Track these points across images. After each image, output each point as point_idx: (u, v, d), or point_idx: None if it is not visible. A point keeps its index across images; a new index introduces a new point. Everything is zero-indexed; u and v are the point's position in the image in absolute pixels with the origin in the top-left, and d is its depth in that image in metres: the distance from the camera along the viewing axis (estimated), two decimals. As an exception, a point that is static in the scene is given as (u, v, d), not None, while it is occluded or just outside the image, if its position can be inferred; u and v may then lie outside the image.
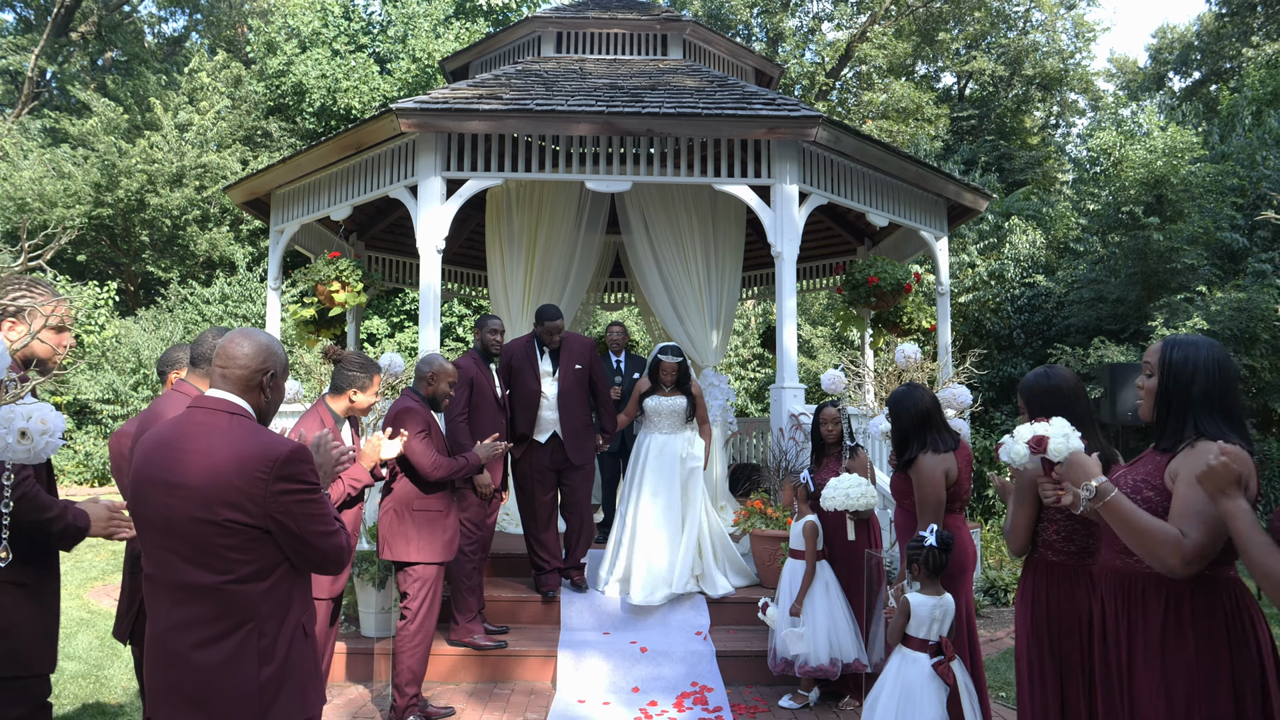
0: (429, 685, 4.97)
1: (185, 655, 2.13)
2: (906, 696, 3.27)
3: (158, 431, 2.27)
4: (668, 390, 5.78)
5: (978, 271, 13.62)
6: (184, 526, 2.14)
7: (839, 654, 4.56)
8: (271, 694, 2.15)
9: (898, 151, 7.62)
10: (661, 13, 8.95)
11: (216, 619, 2.14)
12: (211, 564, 2.13)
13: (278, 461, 2.15)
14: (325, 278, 7.41)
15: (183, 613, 2.15)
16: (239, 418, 2.25)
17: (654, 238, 8.02)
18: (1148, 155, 11.12)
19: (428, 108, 6.43)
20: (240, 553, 2.14)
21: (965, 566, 3.82)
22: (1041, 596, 2.87)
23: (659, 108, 6.54)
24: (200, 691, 2.12)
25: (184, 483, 2.14)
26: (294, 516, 2.16)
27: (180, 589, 2.16)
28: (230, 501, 2.12)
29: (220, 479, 2.13)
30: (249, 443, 2.18)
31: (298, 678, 2.22)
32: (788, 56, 22.19)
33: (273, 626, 2.18)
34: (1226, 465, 1.93)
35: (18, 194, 17.94)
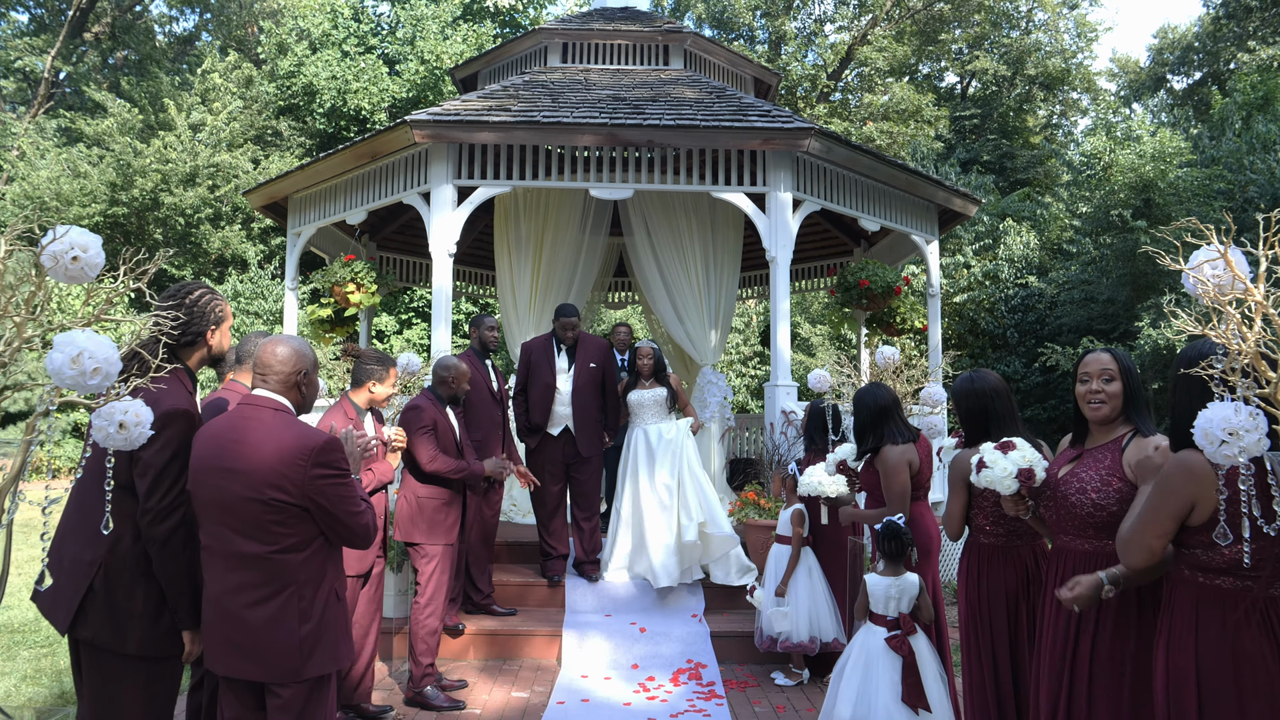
0: (443, 661, 5.34)
1: (238, 614, 2.51)
2: (867, 665, 3.64)
3: (214, 426, 2.64)
4: (647, 383, 6.16)
5: (973, 272, 13.94)
6: (237, 505, 2.51)
7: (818, 632, 4.92)
8: (310, 647, 2.53)
9: (888, 160, 7.96)
10: (663, 24, 9.29)
11: (264, 583, 2.52)
12: (259, 536, 2.51)
13: (314, 450, 2.53)
14: (341, 279, 7.79)
15: (236, 578, 2.53)
16: (280, 413, 2.63)
17: (655, 241, 8.38)
18: (1137, 160, 11.43)
19: (440, 120, 6.79)
20: (283, 527, 2.51)
21: (930, 549, 4.18)
22: (974, 572, 3.24)
23: (659, 120, 6.89)
24: (251, 644, 2.51)
25: (236, 468, 2.52)
26: (327, 497, 2.54)
27: (234, 558, 2.53)
28: (274, 484, 2.49)
29: (266, 465, 2.50)
30: (289, 434, 2.55)
31: (331, 634, 2.60)
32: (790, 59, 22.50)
33: (310, 590, 2.56)
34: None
35: (36, 193, 18.34)
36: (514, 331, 8.56)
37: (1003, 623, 3.14)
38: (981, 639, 3.18)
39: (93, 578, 2.55)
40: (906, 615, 3.68)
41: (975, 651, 3.31)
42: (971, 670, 3.23)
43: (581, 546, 6.19)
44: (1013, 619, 3.14)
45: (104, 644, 2.54)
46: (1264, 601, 2.05)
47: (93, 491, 2.55)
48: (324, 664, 2.57)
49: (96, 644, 2.54)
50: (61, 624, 2.58)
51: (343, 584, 2.72)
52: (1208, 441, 1.90)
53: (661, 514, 5.90)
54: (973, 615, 3.22)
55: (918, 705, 3.59)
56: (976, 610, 3.30)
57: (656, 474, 6.02)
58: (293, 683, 2.53)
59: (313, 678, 2.56)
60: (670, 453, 6.01)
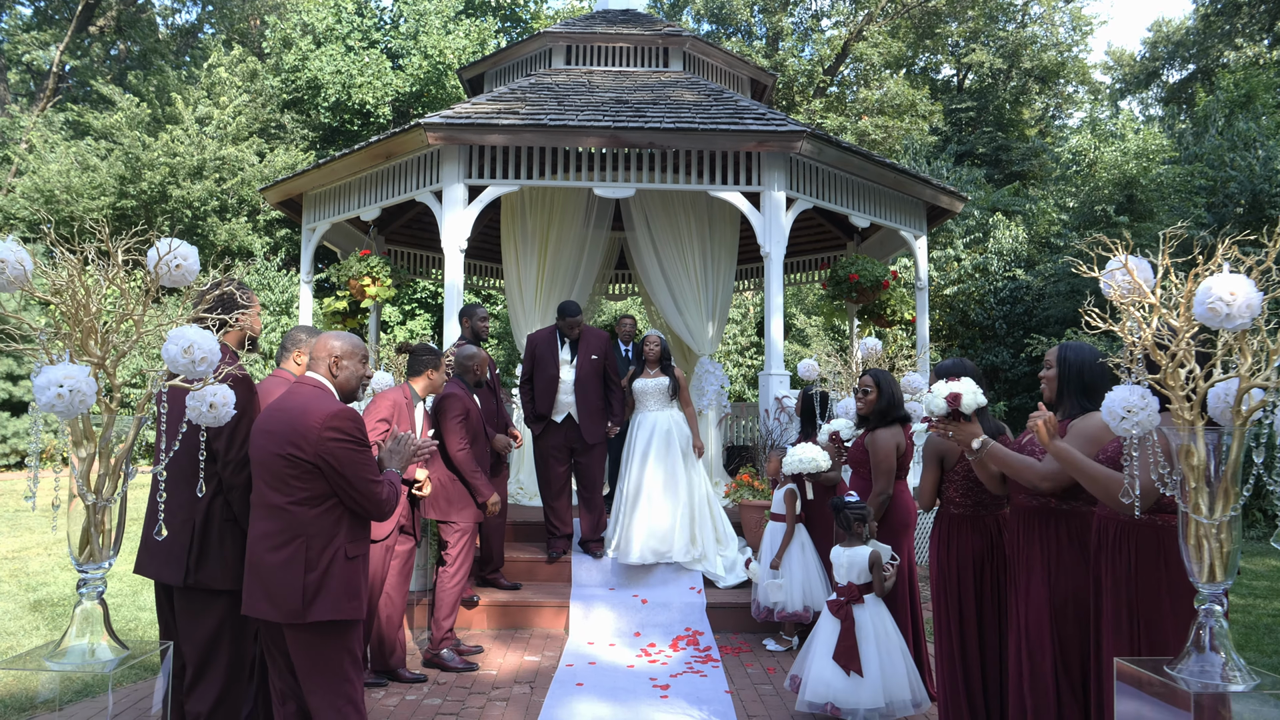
0: (459, 630, 5.76)
1: (261, 556, 2.92)
2: (820, 624, 4.15)
3: (276, 399, 3.06)
4: (653, 372, 6.56)
5: (963, 265, 14.34)
6: (269, 461, 2.93)
7: (810, 602, 5.35)
8: (312, 593, 2.88)
9: (877, 160, 8.35)
10: (663, 27, 9.66)
11: (281, 532, 2.91)
12: (280, 488, 2.92)
13: (328, 415, 2.93)
14: (357, 273, 8.19)
15: (263, 526, 2.94)
16: (315, 389, 3.05)
17: (655, 237, 8.78)
18: (1120, 157, 11.82)
19: (452, 123, 7.17)
20: (299, 481, 2.90)
21: (907, 524, 4.60)
22: (945, 538, 3.65)
23: (660, 122, 7.28)
24: (267, 583, 2.89)
25: (272, 430, 2.95)
26: (338, 459, 2.91)
27: (263, 508, 2.95)
28: (294, 441, 2.90)
29: (290, 426, 2.92)
30: (315, 404, 2.97)
31: (333, 587, 2.91)
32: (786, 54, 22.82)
33: (319, 544, 2.92)
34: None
35: (46, 186, 18.68)
36: (520, 323, 8.97)
37: (970, 584, 3.55)
38: (950, 601, 3.59)
39: (193, 531, 2.98)
40: (853, 584, 4.11)
41: (945, 614, 3.71)
42: (941, 639, 3.63)
43: (587, 525, 6.59)
44: (978, 580, 3.54)
45: (203, 584, 2.99)
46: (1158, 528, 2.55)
47: (186, 461, 2.97)
48: (324, 611, 2.88)
49: (197, 586, 2.99)
50: (177, 576, 3.03)
51: (355, 547, 3.03)
52: (1111, 418, 2.31)
53: (664, 494, 6.31)
54: (942, 577, 3.63)
55: (848, 666, 4.02)
56: (946, 573, 3.71)
57: (658, 462, 6.42)
58: (300, 624, 2.87)
59: (318, 621, 2.88)
60: (671, 438, 6.42)
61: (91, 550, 2.38)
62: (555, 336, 6.66)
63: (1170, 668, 2.30)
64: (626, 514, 6.47)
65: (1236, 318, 2.05)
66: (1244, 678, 2.21)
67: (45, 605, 6.52)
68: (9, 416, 15.58)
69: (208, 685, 2.99)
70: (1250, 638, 6.19)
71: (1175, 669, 2.28)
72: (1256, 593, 7.73)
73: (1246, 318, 2.06)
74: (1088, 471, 2.69)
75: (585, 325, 6.72)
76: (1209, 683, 2.21)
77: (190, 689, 3.01)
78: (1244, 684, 2.20)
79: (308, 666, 2.90)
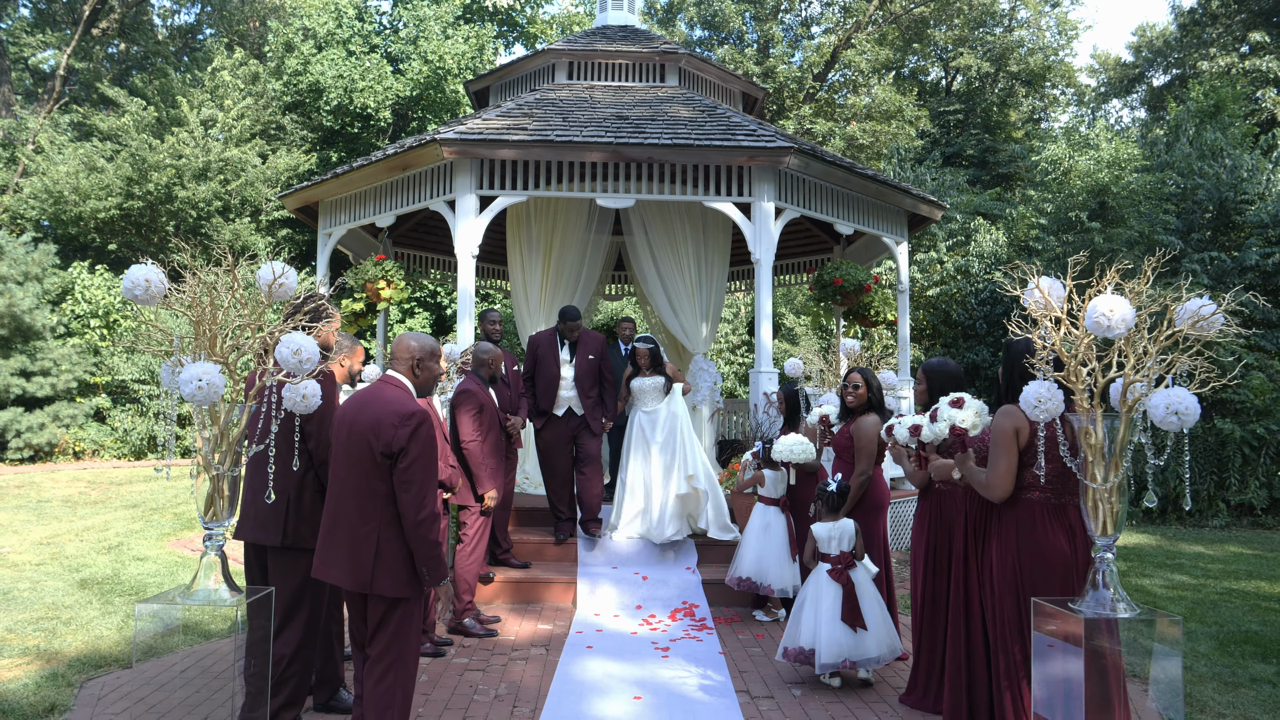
0: (478, 604, 6.34)
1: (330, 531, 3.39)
2: (818, 596, 4.69)
3: (356, 395, 3.59)
4: (647, 372, 7.14)
5: (946, 267, 14.97)
6: (351, 449, 3.40)
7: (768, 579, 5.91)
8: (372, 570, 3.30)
9: (860, 171, 8.94)
10: (660, 44, 10.23)
11: (355, 512, 3.36)
12: (359, 474, 3.35)
13: (403, 414, 3.40)
14: (373, 277, 8.74)
15: (349, 503, 3.42)
16: (397, 388, 3.55)
17: (652, 243, 9.37)
18: (1093, 166, 12.46)
19: (466, 138, 7.73)
20: (376, 470, 3.39)
21: (882, 504, 5.21)
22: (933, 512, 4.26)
23: (658, 139, 7.86)
24: (349, 547, 3.34)
25: (355, 421, 3.43)
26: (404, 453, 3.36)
27: (342, 489, 3.42)
28: (374, 433, 3.36)
29: (373, 420, 3.38)
30: (394, 403, 3.45)
31: (388, 559, 3.34)
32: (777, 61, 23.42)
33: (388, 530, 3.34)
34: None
35: (56, 188, 19.12)
36: (525, 323, 9.55)
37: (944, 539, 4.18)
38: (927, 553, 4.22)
39: (288, 500, 3.56)
40: (846, 552, 4.71)
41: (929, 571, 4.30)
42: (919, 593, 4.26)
43: (585, 506, 7.13)
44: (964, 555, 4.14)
45: (297, 544, 3.58)
46: (1058, 507, 3.14)
47: (283, 442, 3.54)
48: (390, 587, 3.31)
49: (292, 545, 3.57)
50: (275, 538, 3.61)
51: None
52: (1026, 407, 2.91)
53: (661, 480, 6.90)
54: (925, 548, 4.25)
55: (855, 624, 4.62)
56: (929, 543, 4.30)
57: (656, 448, 7.01)
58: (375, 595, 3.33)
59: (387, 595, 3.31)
60: (667, 428, 7.01)
61: (214, 511, 2.94)
62: (555, 338, 7.25)
63: (1073, 604, 2.90)
64: (629, 499, 7.02)
65: (1115, 329, 2.65)
66: (1128, 608, 2.81)
67: (91, 584, 7.07)
68: (23, 411, 16.03)
69: (291, 632, 3.57)
70: (1196, 610, 6.83)
71: (1077, 604, 2.89)
72: (1209, 574, 8.38)
73: (1123, 329, 2.66)
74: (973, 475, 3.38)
75: (584, 328, 7.30)
76: (1101, 613, 2.81)
77: (277, 634, 3.58)
78: (1128, 613, 2.80)
79: (375, 625, 3.42)
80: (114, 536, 9.28)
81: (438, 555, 3.33)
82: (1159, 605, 6.91)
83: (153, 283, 2.79)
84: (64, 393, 16.82)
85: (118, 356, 17.66)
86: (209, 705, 4.31)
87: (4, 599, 6.49)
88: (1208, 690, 4.84)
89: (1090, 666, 2.76)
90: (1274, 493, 11.77)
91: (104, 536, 9.29)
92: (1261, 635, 6.06)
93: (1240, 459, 11.76)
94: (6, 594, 6.63)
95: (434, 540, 3.30)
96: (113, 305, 18.24)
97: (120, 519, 10.51)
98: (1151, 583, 7.90)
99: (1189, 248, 13.19)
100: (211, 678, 4.78)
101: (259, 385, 3.18)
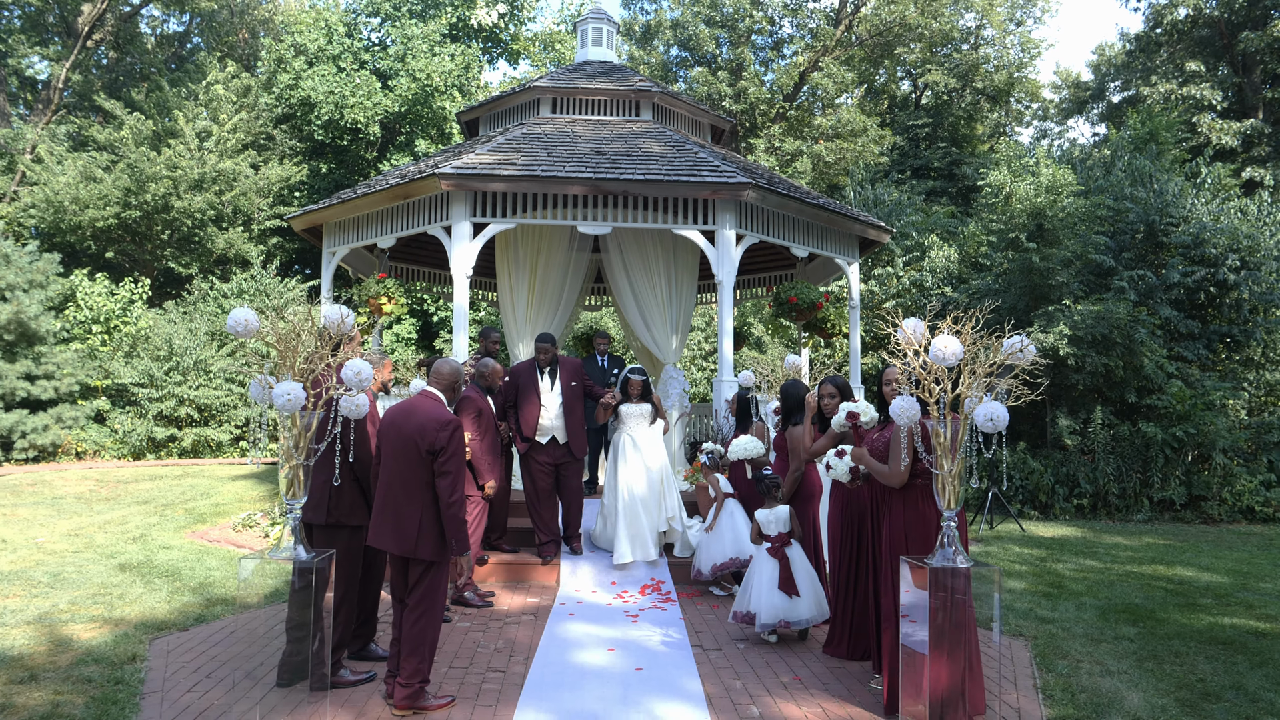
0: (475, 581, 7.32)
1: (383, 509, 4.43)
2: (759, 565, 5.76)
3: (401, 404, 4.59)
4: (636, 399, 7.78)
5: (902, 281, 16.12)
6: (401, 446, 4.43)
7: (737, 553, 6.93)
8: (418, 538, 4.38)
9: (811, 202, 10.02)
10: (636, 81, 11.27)
11: (405, 494, 4.43)
12: (407, 464, 4.42)
13: (443, 421, 4.45)
14: (376, 294, 9.71)
15: (398, 488, 4.44)
16: (435, 400, 4.58)
17: (627, 264, 10.40)
18: (1032, 191, 13.63)
19: (462, 173, 8.73)
20: (421, 463, 4.43)
21: (813, 494, 6.26)
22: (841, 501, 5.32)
23: (633, 174, 8.89)
24: (390, 528, 4.41)
25: (403, 425, 4.46)
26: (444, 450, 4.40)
27: (393, 477, 4.46)
28: (420, 434, 4.40)
29: (419, 425, 4.42)
30: (434, 411, 4.49)
31: (427, 531, 4.40)
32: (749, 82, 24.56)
33: (429, 508, 4.43)
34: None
35: (57, 198, 19.87)
36: (513, 335, 10.56)
37: (853, 529, 5.24)
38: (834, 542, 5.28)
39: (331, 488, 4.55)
40: (783, 533, 5.77)
41: (839, 551, 5.38)
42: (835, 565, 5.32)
43: (568, 526, 7.80)
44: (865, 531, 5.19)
45: (342, 521, 4.56)
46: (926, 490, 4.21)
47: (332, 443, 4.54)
48: (429, 552, 4.39)
49: (335, 523, 4.55)
50: (322, 517, 4.61)
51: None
52: (894, 415, 3.96)
53: (641, 502, 7.56)
54: (839, 527, 5.31)
55: (790, 592, 5.68)
56: (842, 523, 5.36)
57: (637, 470, 7.58)
58: (416, 558, 4.42)
59: (426, 559, 4.41)
60: (651, 454, 7.65)
61: (294, 491, 3.93)
62: (534, 368, 7.71)
63: (926, 559, 3.96)
64: (611, 520, 7.64)
65: (949, 359, 3.71)
66: (964, 560, 3.87)
67: (129, 568, 7.99)
68: (27, 413, 16.80)
69: (334, 590, 4.55)
70: (1093, 588, 7.93)
71: (928, 559, 3.95)
72: (1118, 560, 9.51)
73: (954, 360, 3.72)
74: (874, 466, 4.44)
75: (560, 354, 7.76)
76: (945, 564, 3.87)
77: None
78: (964, 564, 3.87)
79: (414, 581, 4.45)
80: (135, 529, 10.16)
81: (464, 530, 4.36)
82: (1063, 585, 8.01)
83: (250, 321, 3.77)
84: (66, 396, 17.58)
85: (117, 361, 18.44)
86: (262, 655, 5.30)
87: (57, 580, 7.40)
88: (1075, 644, 5.94)
89: (938, 606, 3.82)
90: (1192, 490, 12.98)
91: (126, 529, 10.17)
92: (1140, 606, 7.18)
93: (1162, 459, 12.95)
94: (57, 576, 7.55)
95: (462, 518, 4.33)
96: (113, 312, 19.01)
97: (136, 514, 11.37)
98: (1064, 567, 9.01)
99: (1120, 266, 14.40)
100: (256, 638, 5.75)
101: (326, 397, 4.17)
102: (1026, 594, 7.55)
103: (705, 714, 4.46)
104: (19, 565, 7.96)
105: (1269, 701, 4.85)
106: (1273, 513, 12.75)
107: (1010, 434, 13.74)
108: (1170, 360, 13.70)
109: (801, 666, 5.34)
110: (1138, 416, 13.54)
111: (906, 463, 4.10)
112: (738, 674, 5.18)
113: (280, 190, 23.48)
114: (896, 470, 4.21)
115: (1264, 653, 5.82)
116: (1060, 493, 12.91)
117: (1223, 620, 6.74)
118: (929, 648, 3.85)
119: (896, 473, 4.21)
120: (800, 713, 4.55)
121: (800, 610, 5.71)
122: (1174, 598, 7.53)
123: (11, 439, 16.52)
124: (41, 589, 7.06)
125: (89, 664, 5.12)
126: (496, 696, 4.72)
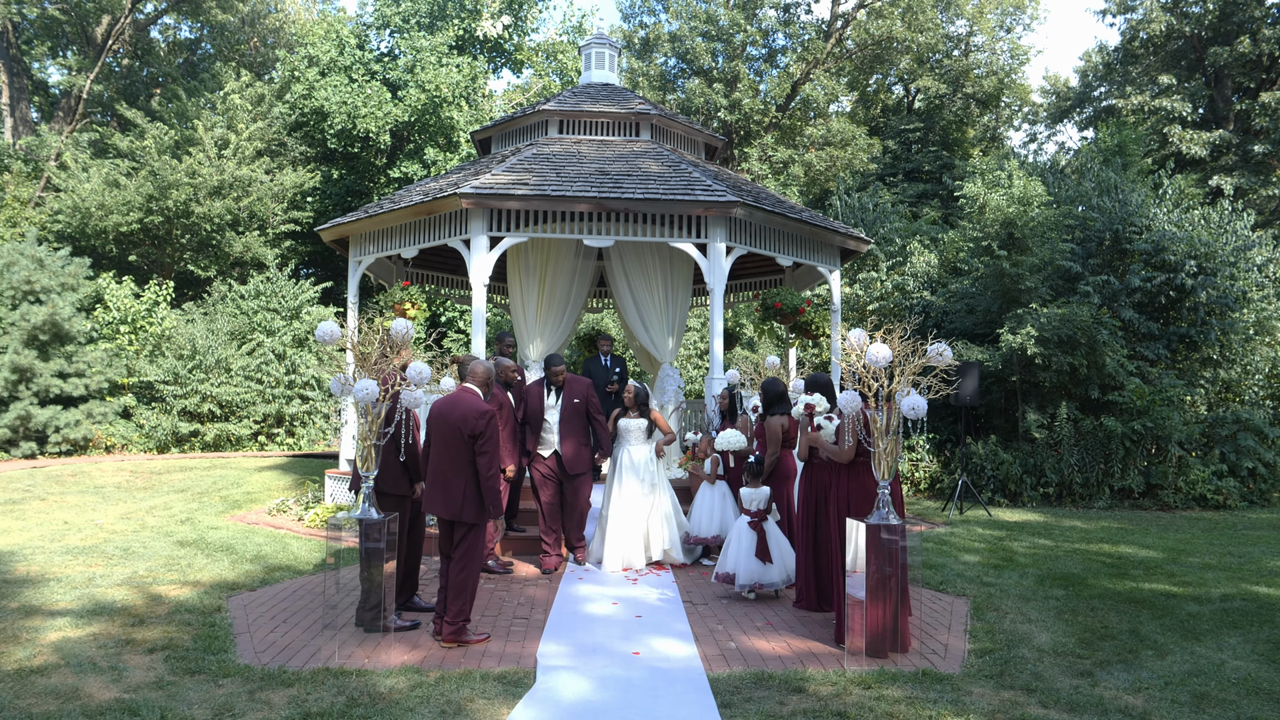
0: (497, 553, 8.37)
1: (435, 480, 5.50)
2: (739, 540, 6.82)
3: (445, 398, 5.64)
4: (633, 414, 8.15)
5: (884, 285, 17.17)
6: (448, 431, 5.49)
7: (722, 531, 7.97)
8: (464, 505, 5.47)
9: (794, 217, 11.06)
10: (635, 104, 12.32)
11: (453, 468, 5.49)
12: (453, 445, 5.47)
13: (480, 412, 5.50)
14: (400, 300, 10.76)
15: (439, 465, 5.50)
16: (472, 394, 5.64)
17: (628, 272, 11.45)
18: (1004, 202, 14.69)
19: (481, 193, 9.76)
20: (463, 444, 5.48)
21: (788, 475, 7.31)
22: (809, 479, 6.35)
23: (633, 193, 9.93)
24: (442, 497, 5.48)
25: (448, 415, 5.52)
26: (482, 435, 5.46)
27: (443, 456, 5.51)
28: (464, 422, 5.46)
29: (461, 415, 5.47)
30: (474, 403, 5.55)
31: (470, 498, 5.50)
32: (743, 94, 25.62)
33: (471, 481, 5.50)
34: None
35: (83, 204, 20.90)
36: (524, 338, 11.61)
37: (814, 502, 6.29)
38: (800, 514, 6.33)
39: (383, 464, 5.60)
40: (761, 509, 6.83)
41: (804, 520, 6.43)
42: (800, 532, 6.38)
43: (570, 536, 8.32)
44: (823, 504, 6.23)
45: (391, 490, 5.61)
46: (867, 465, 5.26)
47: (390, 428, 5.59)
48: (472, 516, 5.48)
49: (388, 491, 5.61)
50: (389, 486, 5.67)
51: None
52: (843, 407, 5.01)
53: (637, 516, 7.99)
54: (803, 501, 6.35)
55: (765, 559, 6.74)
56: (806, 498, 6.41)
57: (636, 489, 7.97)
58: (461, 521, 5.49)
59: (469, 521, 5.50)
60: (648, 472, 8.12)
61: (369, 465, 4.97)
62: (543, 387, 8.09)
63: (865, 519, 5.02)
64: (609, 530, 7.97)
65: (882, 362, 4.76)
66: (894, 518, 4.92)
67: (187, 544, 9.03)
68: (60, 409, 17.84)
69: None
70: (1039, 562, 8.97)
71: (867, 519, 5.00)
72: (1070, 540, 10.55)
73: (884, 362, 4.77)
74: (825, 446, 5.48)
75: (569, 375, 8.09)
76: (879, 523, 4.92)
77: None
78: (895, 522, 4.92)
79: (458, 540, 5.51)
80: (179, 513, 11.19)
81: (499, 498, 5.45)
82: (1013, 559, 9.05)
83: (335, 332, 4.81)
84: (96, 392, 18.62)
85: (143, 359, 19.48)
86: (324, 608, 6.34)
87: (127, 554, 8.44)
88: (1008, 602, 7.00)
89: (874, 558, 4.88)
90: (1150, 479, 14.04)
91: (171, 513, 11.20)
92: (1076, 575, 8.22)
93: (1123, 451, 14.00)
94: (127, 550, 8.59)
95: (497, 489, 5.45)
96: (139, 313, 20.04)
97: (176, 501, 12.41)
98: (1018, 545, 10.05)
99: (1086, 271, 15.46)
100: (316, 595, 6.79)
101: (393, 391, 5.21)
102: (977, 565, 8.60)
103: (692, 646, 5.52)
104: (90, 541, 9.00)
105: (1154, 640, 5.91)
106: (1223, 500, 13.83)
107: (983, 427, 14.80)
108: (1131, 359, 14.75)
109: (774, 615, 6.41)
110: (1100, 411, 14.59)
111: (851, 443, 5.14)
112: (720, 621, 6.25)
113: (294, 195, 24.49)
114: (844, 450, 5.24)
115: (1168, 609, 6.88)
116: (1028, 481, 13.96)
117: (1144, 586, 7.79)
118: (865, 592, 4.91)
119: (844, 451, 5.24)
120: (769, 646, 5.61)
121: (772, 574, 6.77)
122: (1108, 569, 8.58)
123: (46, 433, 17.56)
124: (118, 559, 8.10)
125: (183, 613, 6.17)
126: (523, 635, 5.79)
